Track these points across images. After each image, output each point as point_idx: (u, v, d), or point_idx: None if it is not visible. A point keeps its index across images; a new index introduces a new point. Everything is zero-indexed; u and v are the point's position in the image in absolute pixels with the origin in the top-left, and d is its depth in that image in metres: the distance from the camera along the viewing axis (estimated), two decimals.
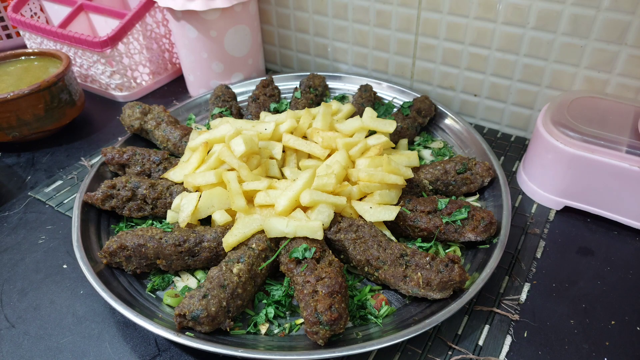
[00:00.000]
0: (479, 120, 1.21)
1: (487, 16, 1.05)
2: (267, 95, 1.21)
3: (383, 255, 0.77)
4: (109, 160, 1.00)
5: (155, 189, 0.91)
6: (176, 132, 1.05)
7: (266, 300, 0.77)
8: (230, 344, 0.69)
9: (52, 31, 1.31)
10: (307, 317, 0.68)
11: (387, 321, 0.74)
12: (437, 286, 0.72)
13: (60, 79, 1.15)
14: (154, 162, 0.99)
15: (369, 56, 1.29)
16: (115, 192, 0.91)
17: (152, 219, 0.93)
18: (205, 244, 0.80)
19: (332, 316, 0.66)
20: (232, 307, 0.71)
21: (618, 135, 0.86)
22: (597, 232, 0.90)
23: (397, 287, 0.76)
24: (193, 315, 0.68)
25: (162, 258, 0.80)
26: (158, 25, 1.37)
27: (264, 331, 0.74)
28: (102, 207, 0.91)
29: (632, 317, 0.75)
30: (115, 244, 0.80)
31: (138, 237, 0.80)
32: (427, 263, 0.74)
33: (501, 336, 0.73)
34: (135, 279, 0.83)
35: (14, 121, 1.12)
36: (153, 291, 0.81)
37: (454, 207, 0.84)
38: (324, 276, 0.71)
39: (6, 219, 0.99)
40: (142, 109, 1.09)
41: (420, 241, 0.86)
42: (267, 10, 1.38)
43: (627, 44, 0.94)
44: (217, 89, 1.22)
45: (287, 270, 0.76)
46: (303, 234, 0.77)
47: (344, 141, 0.95)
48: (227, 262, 0.75)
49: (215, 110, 1.15)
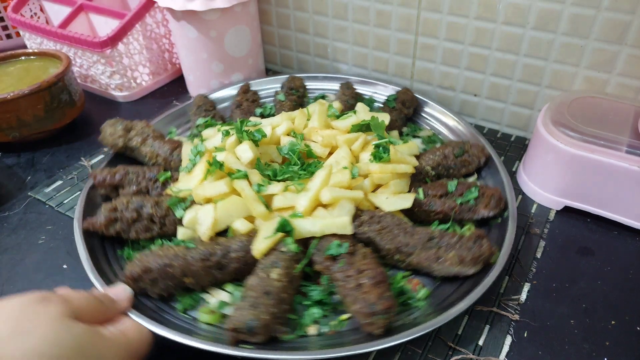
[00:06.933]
0: (479, 120, 1.21)
1: (487, 16, 1.05)
2: (250, 101, 1.18)
3: (412, 240, 0.78)
4: (100, 182, 0.92)
5: (161, 207, 0.85)
6: (165, 146, 0.99)
7: (306, 301, 0.77)
8: (290, 349, 0.68)
9: (52, 31, 1.31)
10: (359, 311, 0.69)
11: (426, 303, 0.76)
12: (470, 262, 0.75)
13: (60, 79, 1.15)
14: (150, 179, 0.93)
15: (369, 56, 1.29)
16: (118, 214, 0.84)
17: (160, 238, 0.87)
18: (232, 254, 0.77)
19: (386, 304, 0.68)
20: (280, 313, 0.70)
21: (618, 135, 0.86)
22: (597, 232, 0.90)
23: (431, 269, 0.78)
24: (248, 326, 0.66)
25: (189, 276, 0.76)
26: (158, 26, 1.37)
27: (314, 332, 0.73)
28: (107, 233, 0.84)
29: (632, 317, 0.75)
30: (138, 268, 0.74)
31: (161, 257, 0.75)
32: (456, 242, 0.77)
33: (501, 336, 0.73)
34: (161, 301, 0.78)
35: (14, 121, 1.12)
36: (184, 311, 0.77)
37: (464, 188, 0.88)
38: (364, 268, 0.72)
39: (6, 219, 0.99)
40: (124, 125, 1.02)
41: (437, 224, 0.88)
42: (267, 10, 1.38)
43: (627, 44, 0.94)
44: (196, 99, 1.18)
45: (323, 269, 0.77)
46: (332, 231, 0.77)
47: (344, 137, 0.95)
48: (263, 269, 0.74)
49: (199, 121, 1.10)
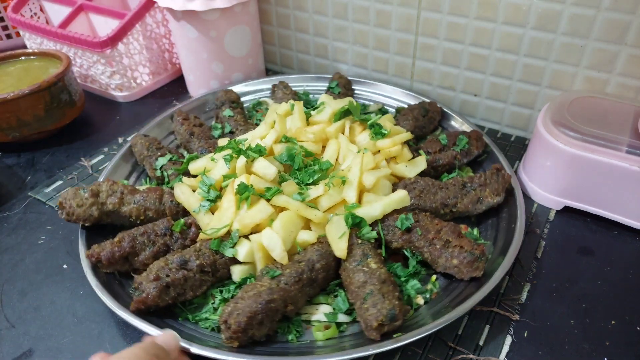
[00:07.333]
0: (479, 120, 1.21)
1: (487, 16, 1.05)
2: (198, 125, 1.10)
3: (450, 193, 0.88)
4: (109, 259, 0.78)
5: (204, 254, 0.77)
6: (150, 197, 0.87)
7: (398, 279, 0.80)
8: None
9: (52, 31, 1.31)
10: (461, 263, 0.75)
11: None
12: (501, 192, 0.87)
13: (60, 79, 1.15)
14: (164, 235, 0.82)
15: (369, 56, 1.29)
16: (167, 281, 0.73)
17: (211, 287, 0.80)
18: (317, 265, 0.75)
19: (481, 247, 0.76)
20: (399, 294, 0.73)
21: (618, 135, 0.86)
22: (597, 232, 0.90)
23: (475, 209, 0.88)
24: (391, 315, 0.67)
25: (290, 303, 0.71)
26: (158, 26, 1.37)
27: (421, 302, 0.78)
28: (161, 304, 0.73)
29: (632, 317, 0.75)
30: (243, 317, 0.66)
31: (257, 296, 0.68)
32: (484, 180, 0.88)
33: (501, 336, 0.73)
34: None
35: (14, 122, 1.12)
36: (294, 339, 0.73)
37: (453, 138, 1.01)
38: (440, 227, 0.79)
39: (6, 219, 0.99)
40: (89, 191, 0.86)
41: (446, 176, 0.98)
42: (267, 10, 1.38)
43: (627, 44, 0.94)
44: (144, 141, 1.03)
45: (403, 243, 0.81)
46: (392, 208, 0.82)
47: (334, 128, 0.98)
48: (357, 265, 0.74)
49: (157, 164, 0.99)
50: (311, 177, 0.87)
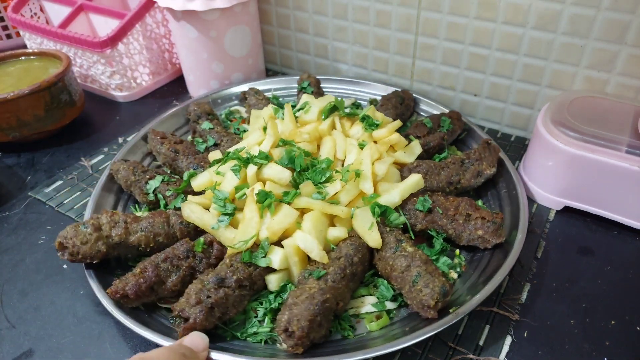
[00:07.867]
0: (479, 120, 1.21)
1: (487, 16, 1.05)
2: (178, 143, 1.05)
3: (451, 171, 0.93)
4: (136, 292, 0.73)
5: (237, 268, 0.75)
6: (157, 222, 0.83)
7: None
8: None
9: (52, 31, 1.31)
10: (485, 232, 0.80)
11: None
12: (495, 163, 0.93)
13: (60, 79, 1.15)
14: (187, 257, 0.78)
15: (369, 56, 1.29)
16: (209, 302, 0.70)
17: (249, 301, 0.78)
18: (355, 259, 0.76)
19: (500, 215, 0.81)
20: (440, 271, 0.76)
21: (618, 135, 0.86)
22: (597, 232, 0.90)
23: (476, 183, 0.93)
24: (443, 292, 0.70)
25: (340, 300, 0.72)
26: (158, 26, 1.37)
27: (454, 277, 0.81)
28: (208, 327, 0.71)
29: (632, 317, 0.75)
30: (304, 322, 0.65)
31: (311, 298, 0.68)
32: (478, 155, 0.94)
33: (501, 336, 0.74)
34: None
35: (14, 121, 1.12)
36: (347, 337, 0.74)
37: (436, 120, 1.05)
38: (457, 204, 0.83)
39: (6, 219, 0.99)
40: (90, 226, 0.79)
41: (437, 156, 1.03)
42: (267, 10, 1.38)
43: (627, 44, 0.94)
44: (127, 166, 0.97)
45: (428, 223, 0.84)
46: (409, 192, 0.86)
47: (326, 125, 0.99)
48: (394, 252, 0.76)
49: (149, 187, 0.94)
50: (322, 175, 0.87)
